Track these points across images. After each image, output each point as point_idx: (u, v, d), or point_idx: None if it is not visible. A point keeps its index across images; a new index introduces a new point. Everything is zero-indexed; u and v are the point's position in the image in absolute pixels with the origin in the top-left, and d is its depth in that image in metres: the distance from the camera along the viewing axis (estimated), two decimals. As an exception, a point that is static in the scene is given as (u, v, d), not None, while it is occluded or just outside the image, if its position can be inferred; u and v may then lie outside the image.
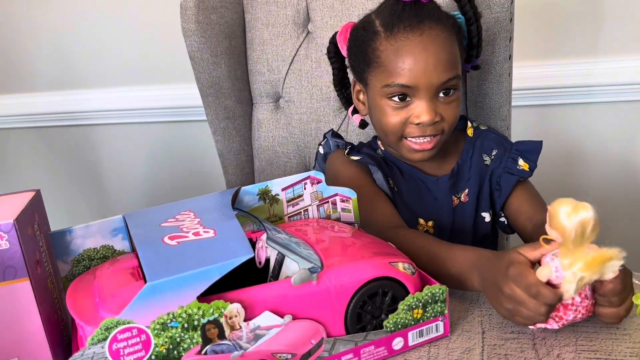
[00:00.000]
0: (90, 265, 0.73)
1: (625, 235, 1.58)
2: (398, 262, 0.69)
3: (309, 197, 0.83)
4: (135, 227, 0.71)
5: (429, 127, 0.92)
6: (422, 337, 0.69)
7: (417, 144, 0.94)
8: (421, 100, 0.91)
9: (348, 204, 0.85)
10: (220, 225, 0.68)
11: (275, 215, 0.83)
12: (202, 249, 0.63)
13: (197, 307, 0.59)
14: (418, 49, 0.89)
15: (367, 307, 0.67)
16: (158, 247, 0.64)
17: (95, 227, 0.72)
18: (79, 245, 0.72)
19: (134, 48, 1.78)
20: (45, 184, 2.05)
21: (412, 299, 0.67)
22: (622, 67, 1.44)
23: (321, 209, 0.84)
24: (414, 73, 0.89)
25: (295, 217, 0.84)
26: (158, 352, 0.59)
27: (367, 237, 0.77)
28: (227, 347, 0.61)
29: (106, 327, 0.57)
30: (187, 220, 0.70)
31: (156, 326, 0.58)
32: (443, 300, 0.69)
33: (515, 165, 1.00)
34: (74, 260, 0.72)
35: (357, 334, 0.67)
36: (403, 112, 0.93)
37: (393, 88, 0.91)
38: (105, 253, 0.74)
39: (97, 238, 0.73)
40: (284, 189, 0.82)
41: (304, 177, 0.82)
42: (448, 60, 0.91)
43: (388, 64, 0.91)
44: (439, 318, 0.70)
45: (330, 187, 0.83)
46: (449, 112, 0.93)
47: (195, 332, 0.59)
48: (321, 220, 0.83)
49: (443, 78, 0.90)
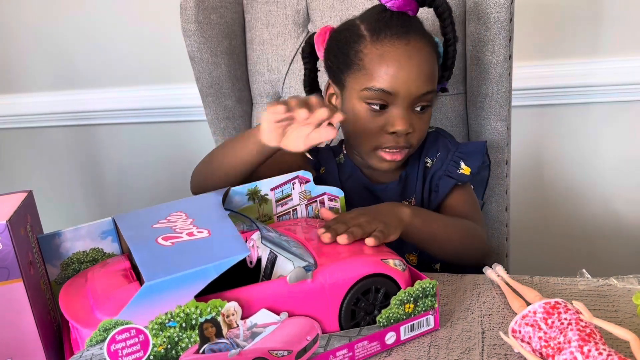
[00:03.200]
0: (80, 268, 0.72)
1: (626, 235, 1.58)
2: (389, 259, 0.70)
3: (298, 197, 0.84)
4: (127, 229, 0.70)
5: (402, 137, 0.93)
6: (413, 331, 0.71)
7: (389, 155, 0.95)
8: (398, 108, 0.92)
9: (336, 202, 0.86)
10: (213, 225, 0.68)
11: (265, 215, 0.83)
12: (198, 248, 0.63)
13: (194, 306, 0.59)
14: (403, 57, 0.90)
15: (360, 303, 0.68)
16: (152, 248, 0.64)
17: (84, 229, 0.72)
18: (68, 249, 0.71)
19: (134, 48, 1.78)
20: (44, 184, 2.06)
21: (404, 293, 0.69)
22: (622, 67, 1.44)
23: (309, 208, 0.85)
24: (396, 80, 0.90)
25: (285, 217, 0.84)
26: (156, 352, 0.59)
27: None
28: (225, 346, 0.61)
29: (104, 329, 0.57)
30: (179, 221, 0.70)
31: (154, 326, 0.58)
32: (433, 294, 0.71)
33: (456, 169, 1.00)
34: (63, 263, 0.71)
35: (351, 330, 0.69)
36: (379, 119, 0.93)
37: (373, 92, 0.91)
38: (94, 256, 0.73)
39: (86, 241, 0.72)
40: (273, 189, 0.82)
41: (293, 177, 0.83)
42: (429, 73, 0.92)
43: (371, 67, 0.92)
44: (430, 312, 0.72)
45: (318, 186, 0.85)
46: (420, 126, 0.94)
47: (193, 331, 0.60)
48: (310, 219, 0.84)
49: (422, 90, 0.91)
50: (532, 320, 0.64)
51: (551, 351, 0.61)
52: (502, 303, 0.78)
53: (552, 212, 1.63)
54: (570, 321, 0.62)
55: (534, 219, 1.64)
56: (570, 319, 0.62)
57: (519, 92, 1.40)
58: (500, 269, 0.83)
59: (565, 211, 1.62)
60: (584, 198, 1.60)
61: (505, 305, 0.77)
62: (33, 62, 1.90)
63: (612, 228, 1.59)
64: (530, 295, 0.74)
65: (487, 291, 0.81)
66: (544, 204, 1.63)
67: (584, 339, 0.59)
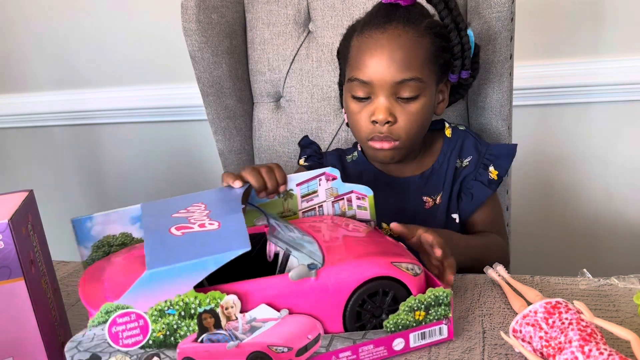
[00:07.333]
0: (110, 251, 0.75)
1: (627, 235, 1.58)
2: (402, 262, 0.68)
3: (324, 194, 0.84)
4: (147, 215, 0.73)
5: (384, 127, 0.93)
6: (424, 340, 0.69)
7: (377, 143, 0.95)
8: (378, 97, 0.93)
9: (364, 201, 0.85)
10: (225, 218, 0.69)
11: (290, 210, 0.84)
12: (204, 240, 0.64)
13: (193, 296, 0.60)
14: (376, 45, 0.91)
15: (366, 305, 0.67)
16: (164, 237, 0.65)
17: (115, 215, 0.75)
18: (99, 232, 0.74)
19: (135, 47, 1.78)
20: (45, 184, 2.06)
21: (414, 300, 0.67)
22: (622, 67, 1.44)
23: (336, 205, 0.85)
24: (369, 69, 0.92)
25: (310, 213, 0.84)
26: (155, 338, 0.61)
27: (380, 237, 0.77)
28: (223, 337, 0.62)
29: (106, 311, 0.59)
30: (197, 212, 0.71)
31: (154, 312, 0.60)
32: (447, 303, 0.68)
33: (486, 172, 1.01)
34: (94, 245, 0.74)
35: (355, 332, 0.67)
36: (365, 110, 0.95)
37: (354, 83, 0.94)
38: (124, 240, 0.76)
39: (116, 225, 0.75)
40: (299, 185, 0.83)
41: (319, 174, 0.83)
42: (404, 60, 0.91)
43: (352, 59, 0.95)
44: (443, 321, 0.69)
45: (346, 184, 0.84)
46: (405, 116, 0.93)
47: (192, 320, 0.61)
48: (336, 217, 0.84)
49: (397, 77, 0.91)
50: (533, 320, 0.64)
51: (552, 351, 0.61)
52: (502, 303, 0.77)
53: (553, 211, 1.63)
54: (571, 321, 0.62)
55: (535, 218, 1.64)
56: (571, 319, 0.62)
57: (520, 92, 1.40)
58: (501, 268, 0.83)
59: (566, 211, 1.62)
60: (585, 198, 1.60)
61: (506, 305, 0.77)
62: (34, 61, 1.91)
63: (613, 228, 1.59)
64: (531, 295, 0.74)
65: (488, 291, 0.81)
66: (544, 204, 1.63)
67: (585, 339, 0.58)
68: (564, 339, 0.60)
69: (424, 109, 0.94)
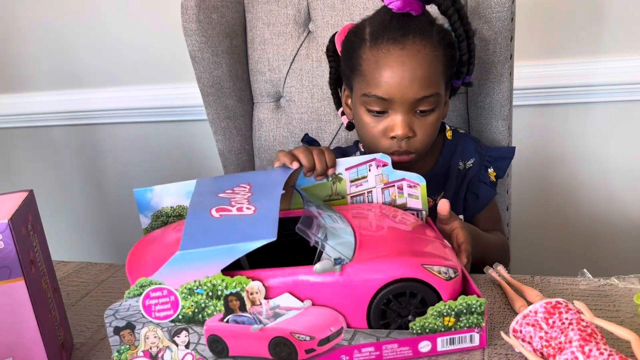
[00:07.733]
0: (167, 221, 0.81)
1: (627, 235, 1.58)
2: (433, 265, 0.67)
3: (374, 179, 0.84)
4: (197, 193, 0.78)
5: (403, 141, 0.92)
6: (453, 345, 0.67)
7: (396, 157, 0.93)
8: (397, 113, 0.91)
9: (415, 189, 0.84)
10: (262, 203, 0.71)
11: (338, 194, 0.85)
12: (237, 225, 0.67)
13: (220, 279, 0.64)
14: (397, 63, 0.89)
15: (392, 305, 0.66)
16: (203, 218, 0.69)
17: (172, 188, 0.81)
18: (158, 203, 0.81)
19: (135, 47, 1.78)
20: (45, 184, 2.06)
21: (444, 306, 0.65)
22: (622, 67, 1.44)
23: (386, 192, 0.85)
24: (390, 86, 0.90)
25: (359, 198, 0.85)
26: (184, 314, 0.65)
27: (424, 233, 0.76)
28: (248, 320, 0.65)
29: (141, 285, 0.63)
30: (240, 194, 0.74)
31: (184, 290, 0.64)
32: (480, 312, 0.66)
33: (487, 174, 1.03)
34: (153, 215, 0.81)
35: (379, 330, 0.67)
36: (380, 124, 0.93)
37: (370, 98, 0.92)
38: (180, 212, 0.81)
39: (173, 198, 0.81)
40: (348, 169, 0.84)
41: (370, 159, 0.84)
42: (425, 77, 0.90)
43: (368, 74, 0.92)
44: (475, 329, 0.67)
45: (397, 171, 0.84)
46: (423, 129, 0.93)
47: (219, 300, 0.64)
48: (385, 206, 0.83)
49: (419, 94, 0.90)
50: (533, 320, 0.64)
51: (552, 351, 0.61)
52: (503, 303, 0.77)
53: (553, 211, 1.63)
54: (572, 321, 0.62)
55: (535, 218, 1.64)
56: (572, 319, 0.62)
57: (520, 92, 1.40)
58: (501, 268, 0.83)
59: (566, 211, 1.62)
60: (585, 198, 1.60)
61: (506, 304, 0.77)
62: (35, 61, 1.91)
63: (614, 228, 1.59)
64: (531, 295, 0.74)
65: (488, 291, 0.81)
66: (545, 204, 1.63)
67: (585, 339, 0.58)
68: (564, 339, 0.60)
69: (439, 119, 0.95)
